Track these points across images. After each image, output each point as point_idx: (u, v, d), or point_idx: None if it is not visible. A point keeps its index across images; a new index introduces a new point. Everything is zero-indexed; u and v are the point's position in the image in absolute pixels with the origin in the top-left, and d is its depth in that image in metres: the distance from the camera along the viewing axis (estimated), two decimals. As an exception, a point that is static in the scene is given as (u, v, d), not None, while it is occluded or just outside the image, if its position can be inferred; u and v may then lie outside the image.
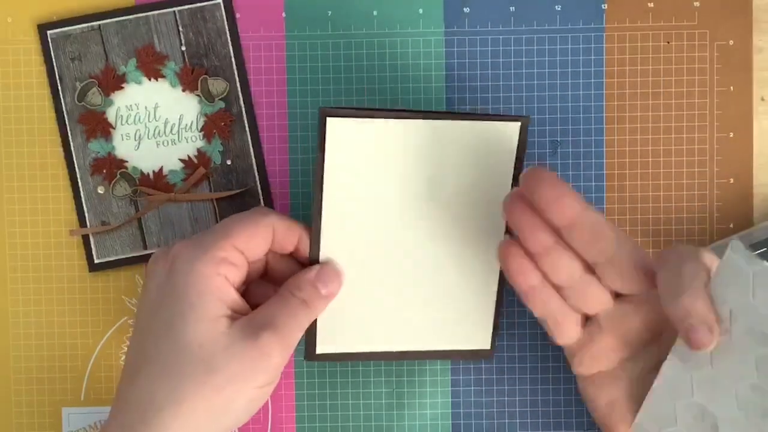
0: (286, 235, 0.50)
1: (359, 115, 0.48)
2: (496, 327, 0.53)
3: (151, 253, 0.55)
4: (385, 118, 0.48)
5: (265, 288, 0.52)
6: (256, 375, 0.46)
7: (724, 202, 0.56)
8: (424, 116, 0.49)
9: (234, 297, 0.48)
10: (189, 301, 0.46)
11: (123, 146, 0.56)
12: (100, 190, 0.56)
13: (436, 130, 0.49)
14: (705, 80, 0.56)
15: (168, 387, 0.45)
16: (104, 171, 0.56)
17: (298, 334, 0.48)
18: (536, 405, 0.56)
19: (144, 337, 0.48)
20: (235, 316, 0.48)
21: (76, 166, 0.56)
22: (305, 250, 0.51)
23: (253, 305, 0.50)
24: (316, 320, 0.51)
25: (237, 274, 0.48)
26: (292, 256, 0.52)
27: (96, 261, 0.56)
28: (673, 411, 0.46)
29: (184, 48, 0.56)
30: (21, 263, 0.56)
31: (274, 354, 0.47)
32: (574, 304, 0.48)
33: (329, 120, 0.47)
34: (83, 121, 0.56)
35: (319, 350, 0.52)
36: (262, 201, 0.56)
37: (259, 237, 0.49)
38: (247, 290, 0.52)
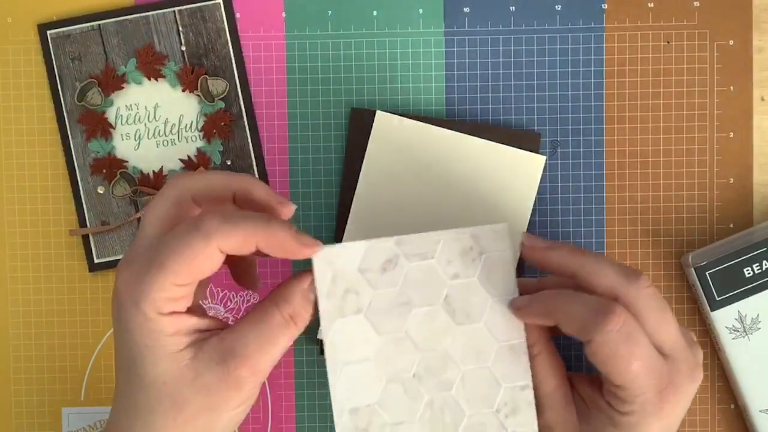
0: (242, 242, 0.42)
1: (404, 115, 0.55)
2: None
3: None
4: (424, 123, 0.54)
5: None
6: (228, 403, 0.44)
7: (724, 202, 0.56)
8: (457, 128, 0.54)
9: (191, 323, 0.44)
10: (143, 342, 0.43)
11: (123, 146, 0.56)
12: (100, 190, 0.56)
13: (464, 143, 0.54)
14: (705, 80, 0.56)
15: (142, 422, 0.44)
16: (104, 171, 0.56)
17: (276, 357, 0.44)
18: (536, 405, 0.56)
19: (116, 369, 0.46)
20: (201, 337, 0.44)
21: (76, 166, 0.56)
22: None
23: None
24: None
25: (187, 300, 0.44)
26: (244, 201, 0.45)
27: (96, 261, 0.56)
28: None
29: (183, 48, 0.56)
30: (21, 263, 0.56)
31: (244, 384, 0.43)
32: None
33: (378, 113, 0.55)
34: (83, 121, 0.56)
35: None
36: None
37: (199, 261, 0.42)
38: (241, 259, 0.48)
